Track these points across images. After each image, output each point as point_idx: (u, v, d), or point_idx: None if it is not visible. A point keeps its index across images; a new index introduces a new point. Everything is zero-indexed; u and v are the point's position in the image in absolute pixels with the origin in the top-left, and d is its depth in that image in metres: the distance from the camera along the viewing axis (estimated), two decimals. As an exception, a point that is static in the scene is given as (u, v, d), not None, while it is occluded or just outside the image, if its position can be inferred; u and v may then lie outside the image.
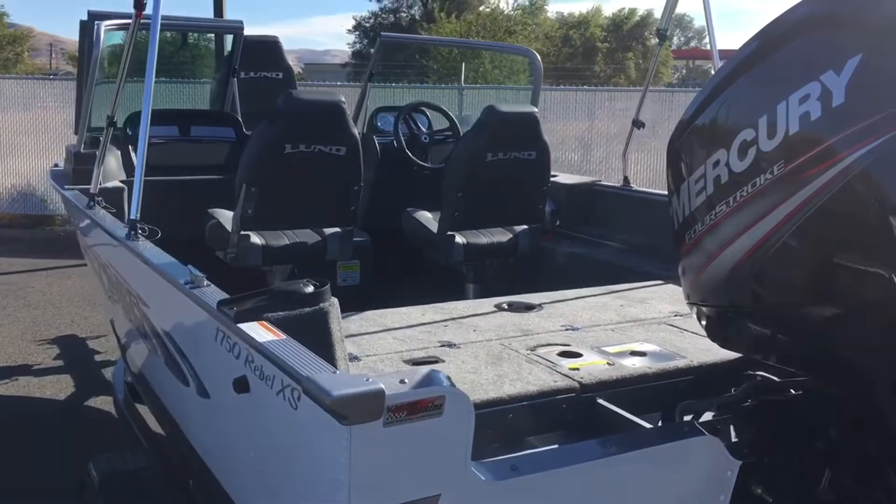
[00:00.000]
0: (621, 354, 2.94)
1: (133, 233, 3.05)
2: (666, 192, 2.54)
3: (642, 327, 3.31)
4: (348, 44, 56.40)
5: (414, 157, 5.26)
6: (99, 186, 4.02)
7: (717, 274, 2.27)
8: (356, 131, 4.11)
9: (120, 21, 4.27)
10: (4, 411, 6.14)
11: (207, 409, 2.63)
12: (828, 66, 1.95)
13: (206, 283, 2.41)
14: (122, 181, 4.44)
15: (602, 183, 5.26)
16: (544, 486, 1.99)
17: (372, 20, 51.08)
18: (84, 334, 8.03)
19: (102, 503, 3.07)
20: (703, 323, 2.49)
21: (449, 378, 1.82)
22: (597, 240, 4.95)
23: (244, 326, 2.05)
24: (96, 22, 4.26)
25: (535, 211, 4.66)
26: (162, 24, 3.29)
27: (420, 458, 1.80)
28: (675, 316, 3.44)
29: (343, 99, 4.02)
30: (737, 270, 2.19)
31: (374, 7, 51.89)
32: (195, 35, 5.78)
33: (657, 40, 4.42)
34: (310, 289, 2.20)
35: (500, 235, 4.70)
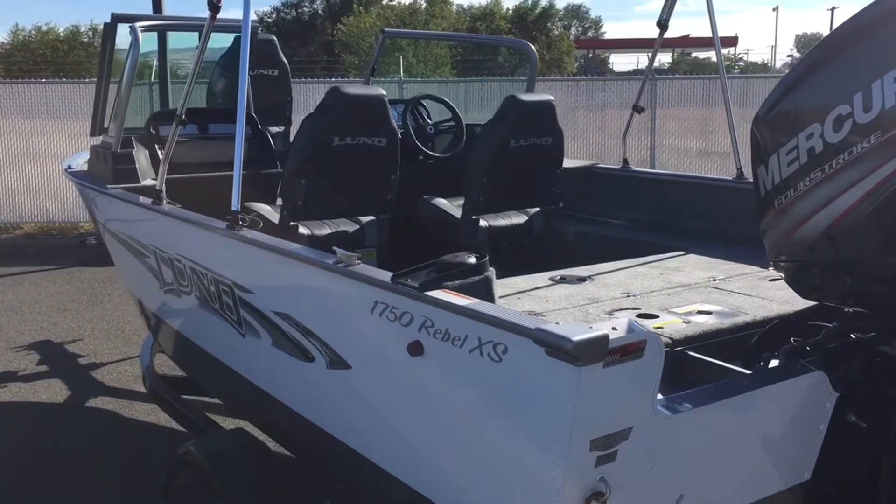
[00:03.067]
0: (690, 314, 3.28)
1: (236, 224, 3.21)
2: (665, 172, 2.88)
3: (692, 291, 3.65)
4: (251, 40, 55.54)
5: (423, 147, 5.50)
6: (140, 185, 4.13)
7: (812, 232, 2.61)
8: (395, 123, 4.33)
9: (153, 22, 4.37)
10: (12, 418, 6.10)
11: (343, 379, 2.83)
12: (920, 50, 2.32)
13: (356, 261, 2.63)
14: (153, 179, 4.54)
15: (601, 165, 5.62)
16: (704, 418, 2.31)
17: (274, 15, 50.57)
18: (59, 339, 7.96)
19: (218, 482, 3.21)
20: (789, 277, 2.84)
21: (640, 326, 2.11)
22: (601, 218, 5.30)
23: (435, 294, 2.29)
24: (133, 24, 4.34)
25: (549, 193, 4.98)
26: (180, 26, 3.45)
27: (621, 395, 2.09)
28: (714, 280, 3.81)
29: (383, 92, 4.24)
30: (834, 228, 2.54)
31: (276, 2, 51.36)
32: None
33: (658, 30, 4.79)
34: (472, 259, 2.45)
35: (517, 217, 5.00)
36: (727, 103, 5.01)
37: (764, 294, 3.54)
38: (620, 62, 57.62)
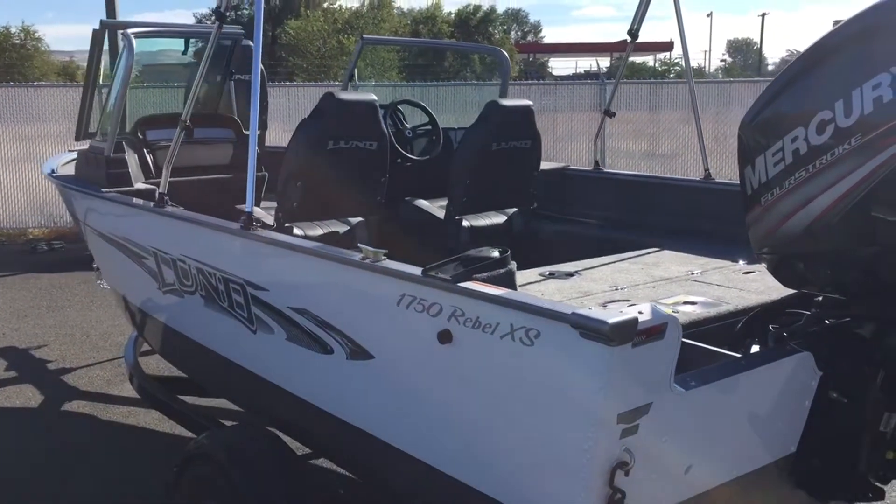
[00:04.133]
0: (677, 304, 3.53)
1: (251, 225, 3.35)
2: (634, 173, 3.13)
3: (674, 284, 3.91)
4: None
5: (402, 150, 5.68)
6: (136, 188, 4.23)
7: (796, 227, 2.88)
8: (385, 127, 4.51)
9: (148, 28, 4.47)
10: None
11: (365, 369, 3.00)
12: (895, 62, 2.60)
13: (383, 257, 2.80)
14: (149, 181, 4.63)
15: (572, 167, 5.87)
16: (710, 395, 2.55)
17: (212, 17, 50.03)
18: (23, 345, 7.92)
19: (238, 476, 3.34)
20: (772, 268, 3.10)
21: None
22: (574, 218, 5.54)
23: (467, 285, 2.48)
24: (126, 31, 4.43)
25: (527, 194, 5.21)
26: (169, 32, 3.58)
27: (644, 373, 2.31)
28: (692, 273, 4.07)
29: (375, 97, 4.41)
30: (817, 223, 2.81)
31: (213, 3, 50.86)
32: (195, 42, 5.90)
33: (629, 39, 5.06)
34: (496, 253, 2.65)
35: (497, 217, 5.22)
36: (695, 108, 5.30)
37: (741, 286, 3.81)
38: (559, 66, 58.62)
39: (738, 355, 2.96)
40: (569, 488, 2.37)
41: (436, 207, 5.21)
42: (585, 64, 53.49)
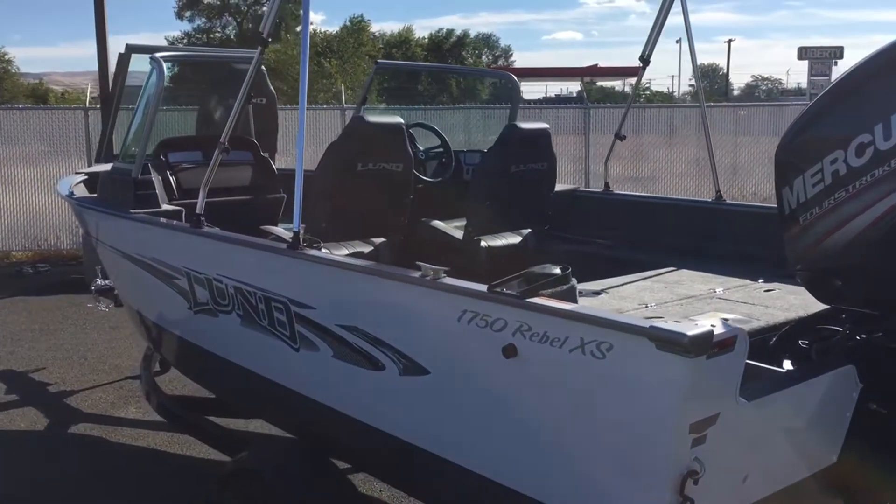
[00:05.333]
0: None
1: (299, 244, 3.41)
2: (645, 195, 3.24)
3: (701, 302, 4.02)
4: (161, 65, 54.89)
5: (416, 173, 5.77)
6: (162, 209, 4.27)
7: (835, 245, 3.00)
8: (410, 149, 4.60)
9: (176, 53, 4.53)
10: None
11: (420, 385, 3.06)
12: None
13: (443, 274, 2.88)
14: (176, 202, 4.67)
15: (582, 189, 5.99)
16: (767, 406, 2.66)
17: (185, 41, 50.00)
18: (21, 368, 7.85)
19: (282, 489, 3.38)
20: (809, 284, 3.23)
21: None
22: (585, 238, 5.65)
23: (537, 300, 2.57)
24: (154, 55, 4.49)
25: (542, 215, 5.32)
26: (196, 57, 3.66)
27: (715, 384, 2.40)
28: (715, 292, 4.19)
29: (402, 120, 4.51)
30: (856, 241, 2.94)
31: (187, 27, 50.87)
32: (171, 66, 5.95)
33: (641, 65, 5.21)
34: (557, 270, 2.75)
35: (512, 238, 5.32)
36: (707, 131, 5.45)
37: (766, 303, 3.93)
38: (529, 90, 59.29)
39: (781, 369, 3.07)
40: (643, 498, 2.45)
41: (451, 228, 5.29)
42: (556, 88, 54.23)
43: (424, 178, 5.85)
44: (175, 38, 51.22)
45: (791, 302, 3.83)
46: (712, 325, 2.33)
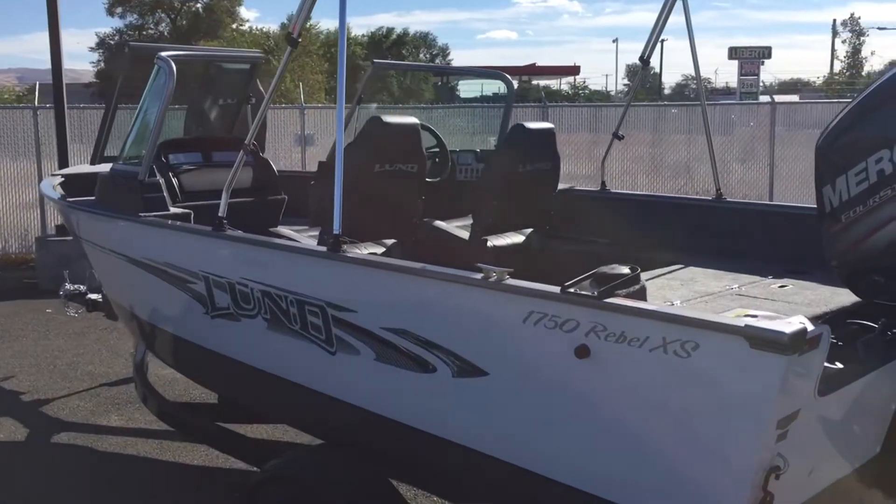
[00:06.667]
0: (740, 318, 3.69)
1: (339, 246, 3.36)
2: (642, 193, 3.31)
3: (724, 298, 4.07)
4: (91, 63, 53.52)
5: None
6: (171, 212, 4.16)
7: (880, 242, 3.09)
8: (424, 151, 4.57)
9: (181, 53, 4.42)
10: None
11: (478, 387, 3.03)
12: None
13: (506, 276, 2.86)
14: (181, 205, 4.55)
15: (578, 188, 6.03)
16: (835, 401, 2.71)
17: (117, 37, 48.84)
18: (-14, 379, 7.55)
19: (326, 494, 3.32)
20: (848, 281, 3.31)
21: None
22: (584, 237, 5.68)
23: (614, 300, 2.57)
24: (162, 55, 4.36)
25: (546, 214, 5.34)
26: (201, 56, 3.60)
27: (799, 381, 2.44)
28: (731, 288, 4.25)
29: (417, 121, 4.47)
30: None
31: (118, 23, 49.67)
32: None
33: (640, 65, 5.27)
34: (626, 270, 2.76)
35: (516, 237, 5.32)
36: (707, 130, 5.53)
37: (786, 299, 4.00)
38: (466, 89, 59.42)
39: (836, 366, 3.13)
40: (728, 496, 2.47)
41: (454, 227, 5.27)
42: (493, 87, 54.47)
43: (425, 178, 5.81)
44: (106, 35, 50.02)
45: (809, 297, 3.91)
46: (801, 322, 2.37)
